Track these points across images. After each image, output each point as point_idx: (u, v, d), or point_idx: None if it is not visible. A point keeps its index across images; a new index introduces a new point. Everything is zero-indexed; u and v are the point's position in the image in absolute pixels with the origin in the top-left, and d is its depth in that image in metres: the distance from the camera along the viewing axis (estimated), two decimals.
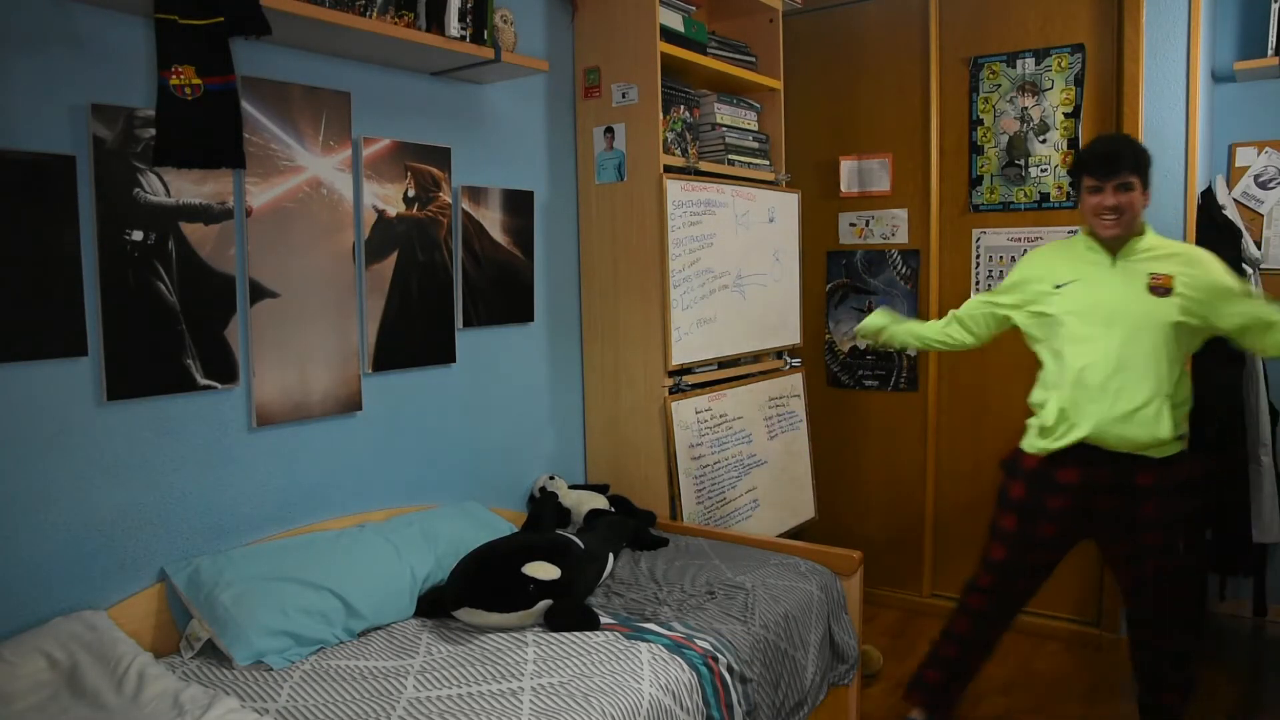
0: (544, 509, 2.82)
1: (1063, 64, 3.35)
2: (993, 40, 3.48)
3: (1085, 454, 2.36)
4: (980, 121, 3.52)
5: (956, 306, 3.65)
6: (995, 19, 3.47)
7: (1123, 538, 2.40)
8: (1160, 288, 2.30)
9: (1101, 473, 2.36)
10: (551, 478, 2.99)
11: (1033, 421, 2.48)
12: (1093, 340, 2.34)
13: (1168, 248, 2.37)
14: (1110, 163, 2.29)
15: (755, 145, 3.39)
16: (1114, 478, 2.36)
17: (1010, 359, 3.51)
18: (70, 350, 1.90)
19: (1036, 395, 2.49)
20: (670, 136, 3.02)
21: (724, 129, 3.24)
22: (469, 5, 2.43)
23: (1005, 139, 3.47)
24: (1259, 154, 3.41)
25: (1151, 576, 2.39)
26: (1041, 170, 3.42)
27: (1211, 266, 2.32)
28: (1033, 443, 2.46)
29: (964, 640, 2.59)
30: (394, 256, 2.53)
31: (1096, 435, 2.33)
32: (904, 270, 3.74)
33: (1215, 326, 2.32)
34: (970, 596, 2.59)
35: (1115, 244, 2.37)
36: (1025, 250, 3.46)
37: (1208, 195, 3.23)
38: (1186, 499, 2.37)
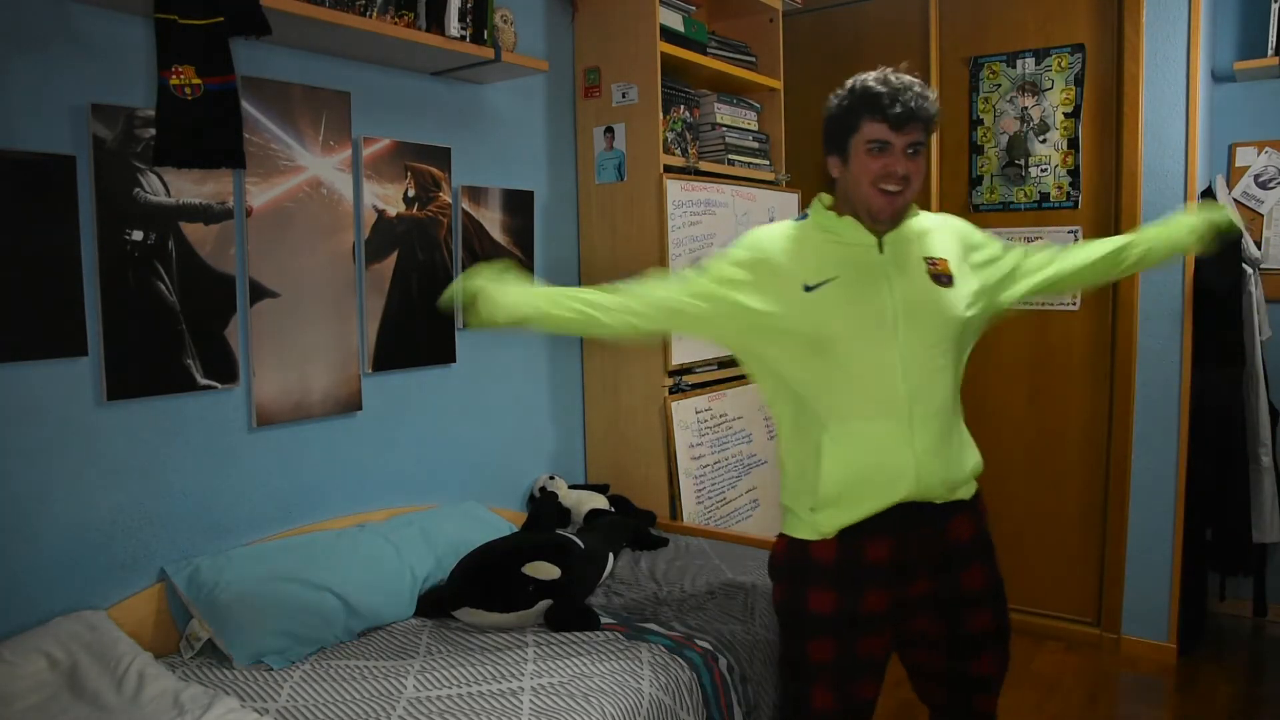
0: (544, 509, 2.82)
1: (1063, 64, 3.35)
2: (993, 40, 3.48)
3: (897, 518, 1.64)
4: (980, 121, 3.52)
5: None
6: (995, 19, 3.47)
7: (945, 621, 1.71)
8: (942, 274, 1.69)
9: (914, 539, 1.66)
10: (551, 478, 2.99)
11: (795, 499, 1.71)
12: (871, 359, 1.63)
13: (932, 222, 1.79)
14: (907, 109, 1.59)
15: (755, 145, 3.39)
16: (930, 542, 1.67)
17: (1010, 358, 3.51)
18: (70, 350, 1.90)
19: (791, 458, 1.73)
20: (670, 136, 3.01)
21: (724, 129, 3.24)
22: (469, 5, 2.43)
23: (1005, 139, 3.47)
24: (1259, 154, 3.41)
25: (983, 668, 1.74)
26: (1041, 170, 3.42)
27: (974, 232, 1.83)
28: (816, 525, 1.66)
29: None
30: (394, 256, 2.52)
31: (916, 492, 1.63)
32: None
33: (1000, 306, 1.79)
34: None
35: (886, 225, 1.69)
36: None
37: (1208, 195, 3.23)
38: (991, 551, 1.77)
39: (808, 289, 1.65)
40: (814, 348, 1.66)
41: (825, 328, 1.64)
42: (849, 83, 1.70)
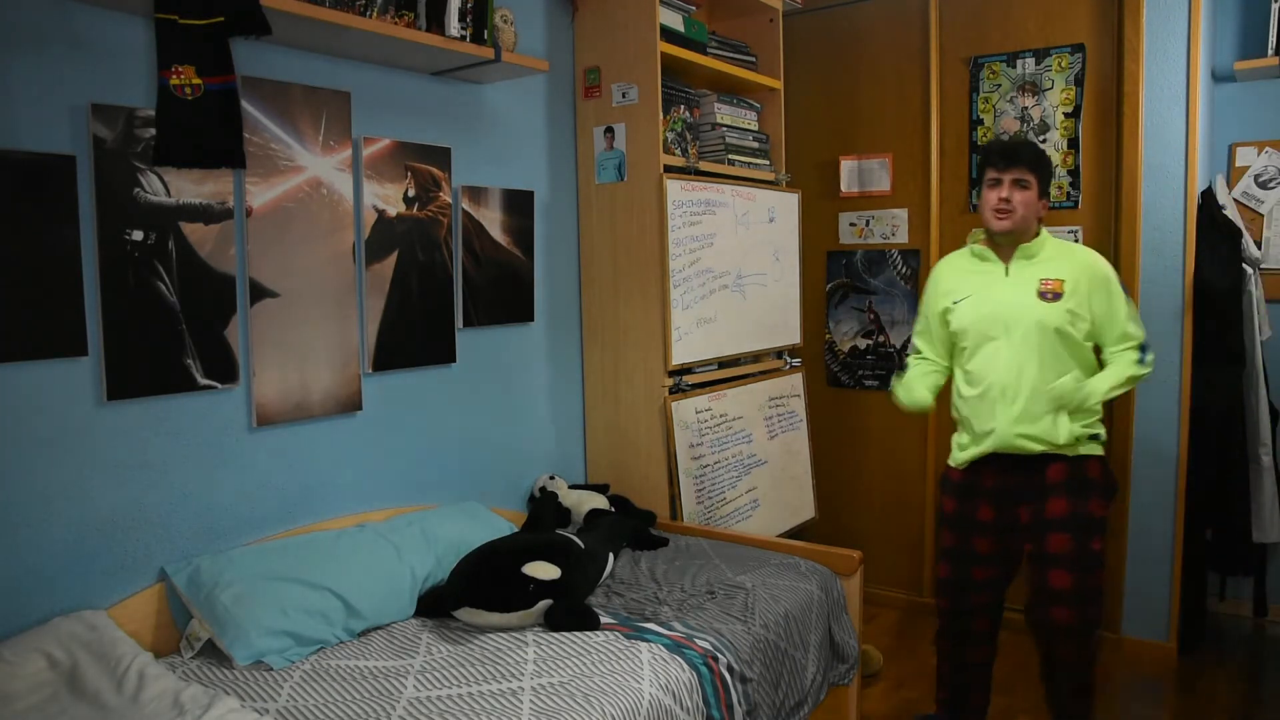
0: (544, 509, 2.82)
1: (1063, 64, 3.35)
2: (993, 40, 3.48)
3: (999, 462, 2.42)
4: (980, 121, 3.52)
5: None
6: (995, 19, 3.47)
7: (1037, 538, 2.39)
8: (1049, 293, 2.34)
9: (1014, 479, 2.41)
10: (551, 478, 2.99)
11: (955, 436, 2.55)
12: (989, 352, 2.39)
13: (1064, 251, 2.40)
14: (1008, 155, 2.34)
15: (755, 145, 3.39)
16: (1026, 481, 2.39)
17: None
18: (70, 350, 1.90)
19: (955, 409, 2.55)
20: (670, 136, 3.01)
21: (724, 129, 3.24)
22: (469, 5, 2.43)
23: (1005, 139, 3.47)
24: (1259, 154, 3.41)
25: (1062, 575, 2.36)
26: None
27: (1113, 291, 2.36)
28: (955, 456, 2.53)
29: (949, 656, 2.64)
30: (394, 256, 2.53)
31: (1004, 445, 2.38)
32: (904, 270, 3.73)
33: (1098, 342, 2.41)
34: (939, 618, 2.64)
35: (1008, 246, 2.41)
36: None
37: (1208, 195, 3.23)
38: (1095, 499, 2.37)
39: (955, 302, 2.47)
40: (956, 341, 2.49)
41: (965, 326, 2.44)
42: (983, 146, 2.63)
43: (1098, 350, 2.43)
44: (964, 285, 2.47)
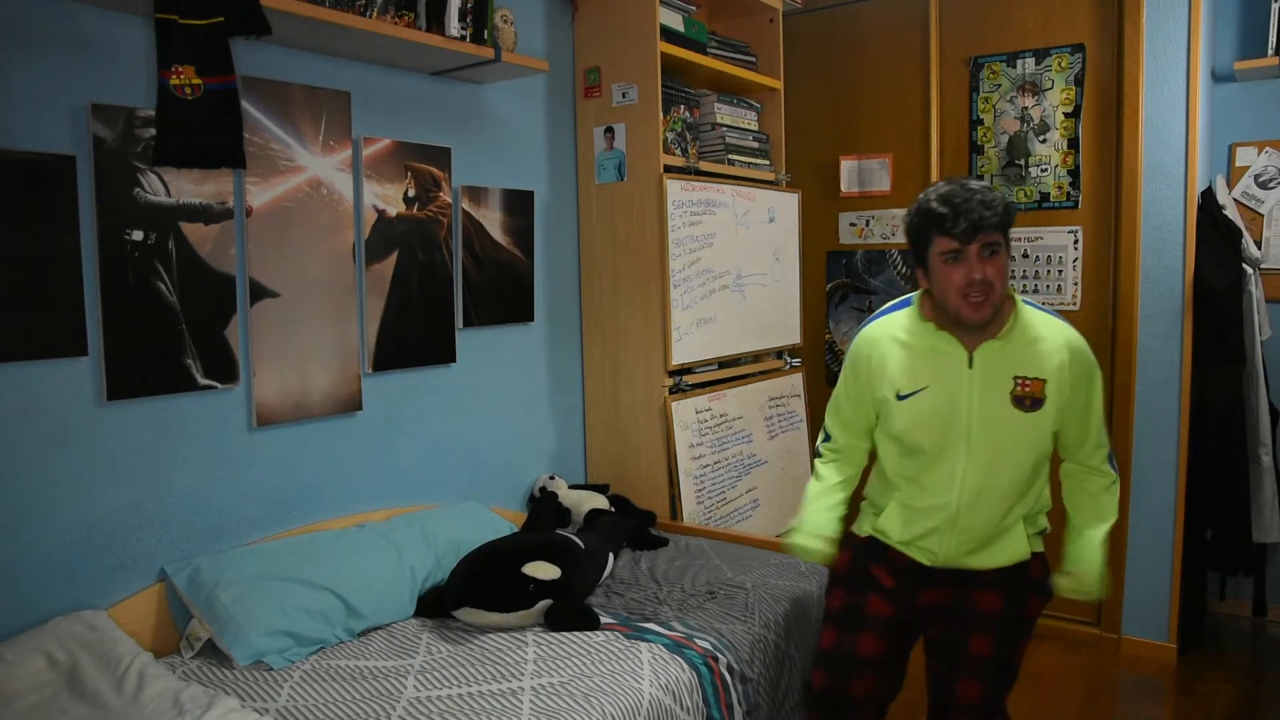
0: (544, 509, 2.82)
1: (1063, 64, 3.34)
2: (993, 40, 3.48)
3: (922, 569, 1.92)
4: (980, 121, 3.52)
5: None
6: (995, 19, 3.47)
7: (956, 629, 1.90)
8: (1027, 399, 1.78)
9: (938, 577, 1.92)
10: (551, 478, 2.99)
11: (868, 505, 2.06)
12: (944, 466, 1.83)
13: (1040, 329, 1.81)
14: (973, 220, 1.67)
15: (755, 145, 3.39)
16: (951, 594, 1.92)
17: None
18: (70, 350, 1.90)
19: (873, 487, 2.05)
20: (670, 136, 3.01)
21: (724, 129, 3.24)
22: (469, 5, 2.43)
23: (1005, 139, 3.47)
24: (1259, 154, 3.41)
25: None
26: (1042, 170, 3.42)
27: (1094, 387, 1.85)
28: (874, 525, 2.00)
29: None
30: (394, 256, 2.52)
31: (946, 565, 1.89)
32: (904, 270, 3.74)
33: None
34: (810, 709, 2.06)
35: (975, 331, 1.79)
36: (1026, 251, 3.46)
37: (1208, 195, 3.23)
38: (1034, 598, 1.91)
39: (900, 398, 1.86)
40: (898, 442, 1.90)
41: (909, 433, 1.86)
42: (920, 200, 1.79)
43: None
44: (914, 373, 1.84)
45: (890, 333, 1.90)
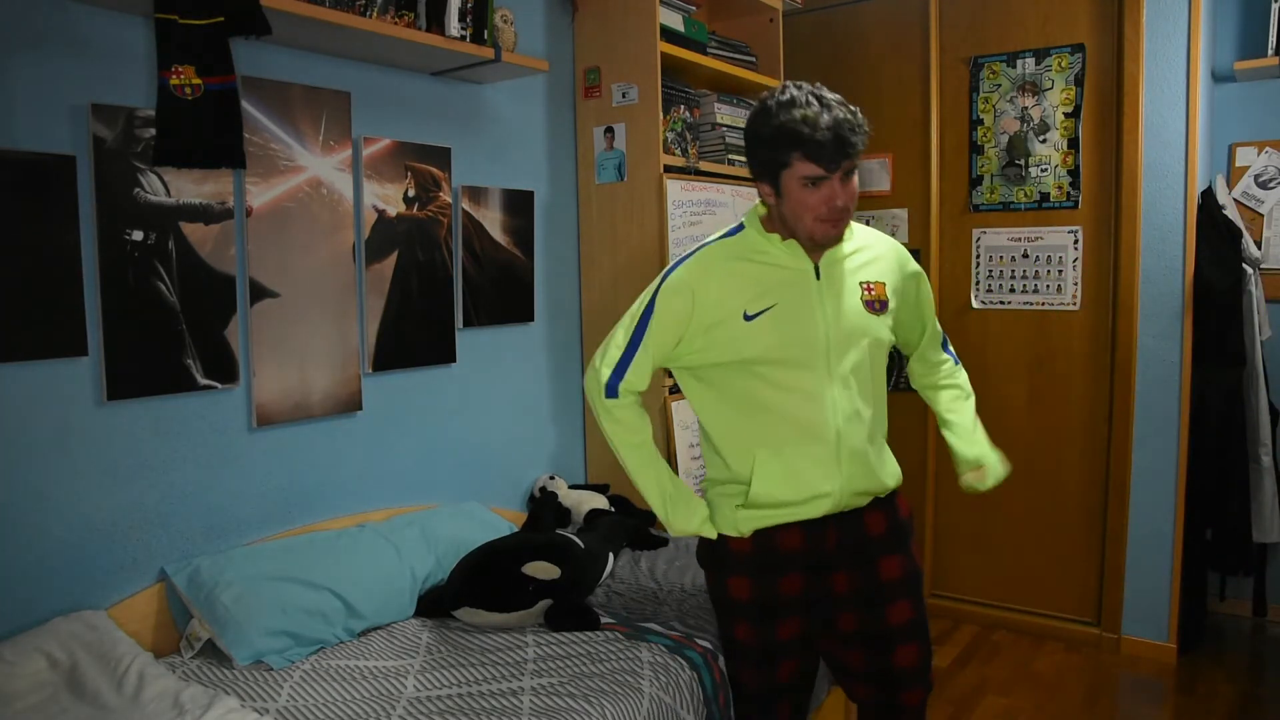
0: (544, 509, 2.82)
1: (1063, 64, 3.34)
2: (993, 40, 3.48)
3: (808, 523, 1.74)
4: (980, 121, 3.52)
5: (957, 306, 3.67)
6: (995, 19, 3.47)
7: (869, 610, 1.78)
8: (875, 302, 1.74)
9: (829, 540, 1.75)
10: (551, 478, 2.99)
11: (721, 496, 1.80)
12: (804, 390, 1.69)
13: (867, 240, 1.80)
14: (843, 146, 1.58)
15: None
16: (842, 539, 1.76)
17: (1010, 358, 3.51)
18: (70, 350, 1.90)
19: (723, 460, 1.79)
20: (670, 136, 3.01)
21: (724, 129, 3.23)
22: (469, 5, 2.43)
23: (1005, 139, 3.47)
24: (1259, 154, 3.41)
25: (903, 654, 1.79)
26: (1042, 170, 3.42)
27: (921, 277, 1.87)
28: (733, 523, 1.76)
29: None
30: (394, 256, 2.52)
31: (840, 508, 1.74)
32: None
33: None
34: None
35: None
36: (1025, 251, 3.46)
37: (1208, 195, 3.23)
38: (913, 543, 1.86)
39: (748, 318, 1.68)
40: (753, 373, 1.70)
41: (774, 350, 1.68)
42: (772, 111, 1.64)
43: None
44: (762, 290, 1.68)
45: (723, 259, 1.73)
